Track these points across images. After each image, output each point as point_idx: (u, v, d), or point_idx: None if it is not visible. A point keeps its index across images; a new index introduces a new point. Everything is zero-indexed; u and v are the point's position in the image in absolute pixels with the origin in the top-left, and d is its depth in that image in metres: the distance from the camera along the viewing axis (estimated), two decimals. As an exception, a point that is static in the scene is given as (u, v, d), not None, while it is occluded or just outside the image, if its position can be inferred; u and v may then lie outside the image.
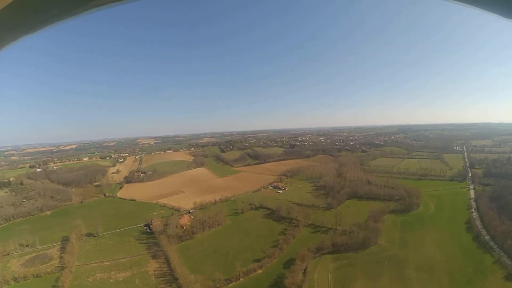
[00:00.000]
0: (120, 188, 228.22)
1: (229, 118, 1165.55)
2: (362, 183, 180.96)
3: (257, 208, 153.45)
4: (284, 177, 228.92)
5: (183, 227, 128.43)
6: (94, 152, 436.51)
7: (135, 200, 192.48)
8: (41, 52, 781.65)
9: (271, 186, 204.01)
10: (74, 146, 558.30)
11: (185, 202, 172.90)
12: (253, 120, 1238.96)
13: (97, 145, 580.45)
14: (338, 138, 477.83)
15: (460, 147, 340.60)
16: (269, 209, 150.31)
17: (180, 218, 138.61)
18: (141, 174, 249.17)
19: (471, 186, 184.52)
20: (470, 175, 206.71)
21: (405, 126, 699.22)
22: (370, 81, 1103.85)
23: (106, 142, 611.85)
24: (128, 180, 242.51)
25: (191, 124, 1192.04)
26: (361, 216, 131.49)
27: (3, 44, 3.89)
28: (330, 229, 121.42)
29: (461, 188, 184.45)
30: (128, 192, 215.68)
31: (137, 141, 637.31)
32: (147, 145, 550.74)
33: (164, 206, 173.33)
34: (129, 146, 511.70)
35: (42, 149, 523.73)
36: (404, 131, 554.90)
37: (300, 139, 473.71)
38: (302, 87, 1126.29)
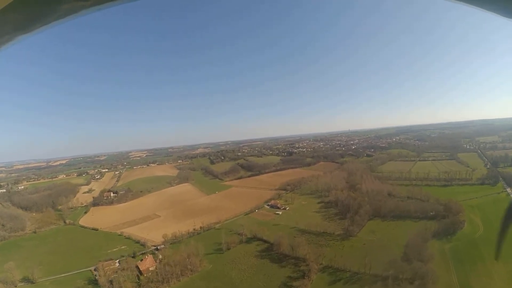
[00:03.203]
0: (85, 212, 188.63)
1: (224, 128, 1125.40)
2: (383, 196, 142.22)
3: (248, 241, 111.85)
4: (284, 191, 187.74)
5: (141, 276, 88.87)
6: (81, 168, 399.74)
7: (97, 229, 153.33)
8: (31, 60, 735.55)
9: (268, 205, 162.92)
10: (64, 162, 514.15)
11: (158, 231, 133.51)
12: (247, 127, 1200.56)
13: (88, 159, 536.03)
14: (337, 142, 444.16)
15: (469, 145, 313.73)
16: (265, 241, 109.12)
17: (140, 260, 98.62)
18: (112, 195, 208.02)
19: (509, 190, 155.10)
20: (500, 176, 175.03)
21: (403, 127, 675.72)
22: (365, 84, 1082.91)
23: (98, 157, 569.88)
24: (96, 202, 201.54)
25: (186, 135, 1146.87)
26: (396, 247, 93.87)
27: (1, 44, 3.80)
28: (357, 274, 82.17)
29: (498, 193, 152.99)
30: (93, 218, 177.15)
31: (130, 154, 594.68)
32: (139, 158, 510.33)
33: (129, 238, 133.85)
34: (119, 160, 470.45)
35: (33, 165, 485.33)
36: (403, 132, 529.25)
37: (297, 145, 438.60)
38: (297, 92, 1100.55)
